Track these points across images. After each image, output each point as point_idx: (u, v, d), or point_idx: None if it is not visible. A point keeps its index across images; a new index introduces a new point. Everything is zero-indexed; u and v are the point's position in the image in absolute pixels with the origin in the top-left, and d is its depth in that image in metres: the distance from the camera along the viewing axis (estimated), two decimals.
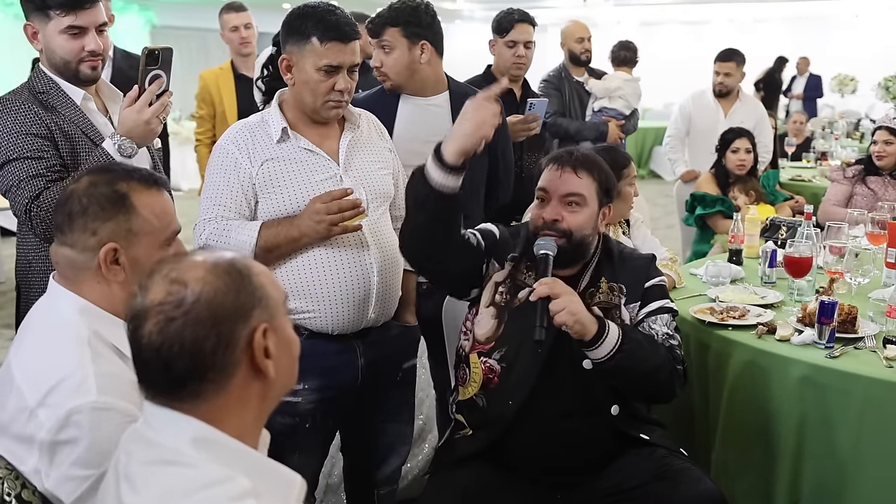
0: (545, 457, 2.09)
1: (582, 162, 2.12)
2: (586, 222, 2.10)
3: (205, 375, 1.13)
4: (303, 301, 2.14)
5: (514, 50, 3.46)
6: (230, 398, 1.16)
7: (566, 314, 1.92)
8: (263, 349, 1.17)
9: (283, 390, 1.26)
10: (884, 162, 4.29)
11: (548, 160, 2.17)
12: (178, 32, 14.76)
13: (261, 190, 2.13)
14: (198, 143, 4.67)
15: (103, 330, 1.52)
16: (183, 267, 1.16)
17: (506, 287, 2.15)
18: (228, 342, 1.14)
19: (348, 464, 2.53)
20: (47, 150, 2.14)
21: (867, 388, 2.11)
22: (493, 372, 2.13)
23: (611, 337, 1.98)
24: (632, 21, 18.05)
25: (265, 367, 1.17)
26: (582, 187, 2.10)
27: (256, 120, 2.21)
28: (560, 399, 2.09)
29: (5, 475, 1.40)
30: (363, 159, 2.25)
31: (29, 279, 2.24)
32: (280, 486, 1.21)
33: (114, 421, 1.38)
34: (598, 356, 1.99)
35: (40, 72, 2.25)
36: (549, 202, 2.11)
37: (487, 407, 2.14)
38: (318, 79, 2.10)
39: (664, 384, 2.09)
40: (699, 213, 4.42)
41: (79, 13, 2.16)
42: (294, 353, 1.27)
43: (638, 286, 2.18)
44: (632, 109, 4.89)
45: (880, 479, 2.10)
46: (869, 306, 2.59)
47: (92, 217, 1.51)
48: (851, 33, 16.97)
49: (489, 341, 2.15)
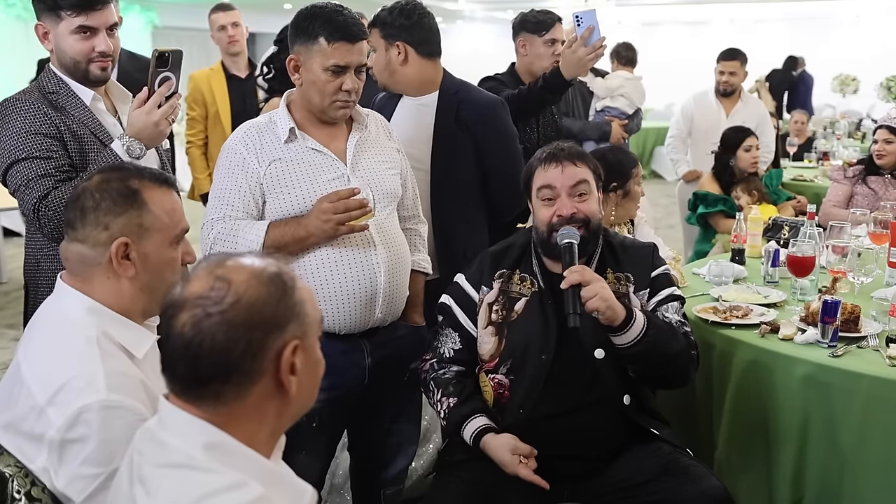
0: (556, 454, 2.10)
1: (575, 154, 2.18)
2: (595, 207, 2.17)
3: (229, 378, 1.13)
4: None
5: (554, 49, 3.45)
6: (248, 406, 1.16)
7: (598, 300, 1.95)
8: (290, 365, 1.16)
9: (301, 410, 1.24)
10: (884, 161, 4.29)
11: (540, 160, 2.19)
12: (180, 33, 14.78)
13: (268, 190, 2.14)
14: (189, 145, 4.62)
15: (111, 330, 1.52)
16: (230, 266, 1.17)
17: (500, 304, 2.19)
18: (258, 350, 1.14)
19: (355, 463, 2.54)
20: (56, 150, 2.15)
21: (870, 387, 2.11)
22: (502, 387, 2.16)
23: (638, 322, 2.02)
24: (633, 21, 18.06)
25: (288, 384, 1.17)
26: (585, 174, 2.16)
27: (264, 120, 2.22)
28: (571, 395, 2.11)
29: (15, 473, 1.41)
30: (370, 159, 2.25)
31: (37, 278, 2.25)
32: (291, 495, 1.21)
33: (124, 419, 1.39)
34: (626, 341, 2.03)
35: (50, 72, 2.26)
36: (557, 198, 2.14)
37: (502, 418, 2.16)
38: (326, 79, 2.11)
39: (683, 368, 2.13)
40: (701, 213, 4.43)
41: (90, 14, 2.17)
42: (318, 374, 1.25)
43: (645, 275, 2.21)
44: (635, 109, 4.89)
45: (884, 477, 2.10)
46: (872, 305, 2.59)
47: (104, 212, 1.53)
48: (852, 34, 16.98)
49: (493, 358, 2.18)
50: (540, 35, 3.48)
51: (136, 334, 1.56)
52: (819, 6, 16.49)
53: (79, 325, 1.51)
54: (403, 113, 2.78)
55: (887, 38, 16.04)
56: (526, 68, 3.52)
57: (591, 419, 2.11)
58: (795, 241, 2.80)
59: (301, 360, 1.18)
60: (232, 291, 1.13)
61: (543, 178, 2.16)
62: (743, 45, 5.51)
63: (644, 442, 2.15)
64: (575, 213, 2.11)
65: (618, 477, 2.11)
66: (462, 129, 2.72)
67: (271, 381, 1.16)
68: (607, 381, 2.12)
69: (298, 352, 1.17)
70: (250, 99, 4.31)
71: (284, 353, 1.15)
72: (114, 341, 1.52)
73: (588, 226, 2.12)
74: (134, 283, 1.55)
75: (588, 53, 2.84)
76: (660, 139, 10.59)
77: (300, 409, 1.24)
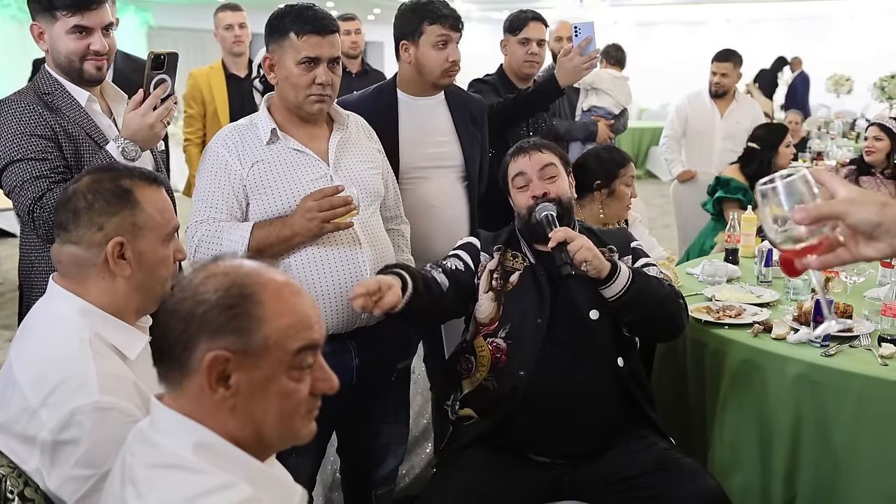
0: (555, 427, 2.15)
1: (539, 143, 2.41)
2: (566, 187, 2.35)
3: (165, 360, 1.19)
4: None
5: (527, 48, 3.48)
6: (192, 398, 1.17)
7: (585, 250, 2.10)
8: (219, 375, 1.15)
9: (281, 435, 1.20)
10: (873, 157, 4.35)
11: (511, 154, 2.40)
12: (175, 33, 14.76)
13: (252, 191, 2.14)
14: (187, 143, 4.64)
15: (104, 331, 1.52)
16: (225, 264, 1.21)
17: (498, 273, 2.31)
18: (186, 345, 1.16)
19: (345, 464, 2.54)
20: (51, 152, 2.15)
21: (863, 386, 2.12)
22: (500, 351, 2.22)
23: (623, 271, 2.17)
24: (628, 21, 18.09)
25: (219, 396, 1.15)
26: (552, 158, 2.36)
27: (246, 122, 2.24)
28: (567, 357, 2.18)
29: (8, 473, 1.41)
30: (352, 159, 2.26)
31: (32, 279, 2.25)
32: (281, 496, 1.21)
33: (116, 421, 1.39)
34: (615, 291, 2.15)
35: (45, 73, 2.26)
36: (530, 183, 2.32)
37: (498, 386, 2.20)
38: (299, 73, 2.13)
39: (674, 314, 2.24)
40: (719, 196, 4.41)
41: (85, 14, 2.18)
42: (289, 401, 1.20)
43: (626, 246, 2.39)
44: (621, 109, 4.90)
45: (876, 476, 2.11)
46: (864, 305, 2.60)
47: (98, 212, 1.53)
48: (847, 34, 17.03)
49: (492, 322, 2.26)
50: (514, 34, 3.52)
51: (128, 335, 1.56)
52: (815, 6, 16.53)
53: (71, 326, 1.51)
54: (415, 114, 2.76)
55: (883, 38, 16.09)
56: (508, 68, 3.58)
57: (589, 382, 2.18)
58: None
59: (240, 377, 1.16)
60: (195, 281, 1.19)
61: (515, 167, 2.36)
62: (739, 46, 5.53)
63: (639, 437, 2.20)
64: (547, 193, 2.29)
65: (612, 469, 2.14)
66: (475, 126, 2.84)
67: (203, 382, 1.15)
68: (601, 342, 2.22)
69: (233, 364, 1.15)
70: (249, 98, 4.34)
71: (205, 359, 1.14)
72: (106, 343, 1.52)
73: (561, 203, 2.28)
74: (129, 283, 1.56)
75: (583, 62, 2.95)
76: (654, 139, 10.61)
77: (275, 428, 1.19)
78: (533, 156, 2.34)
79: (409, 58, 2.70)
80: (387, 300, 1.95)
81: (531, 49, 3.47)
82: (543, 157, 2.34)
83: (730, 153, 4.95)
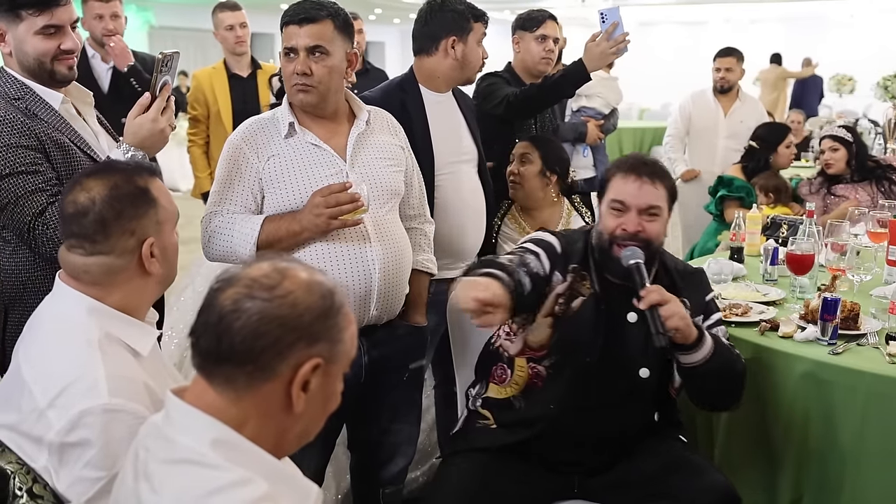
0: (576, 452, 2.12)
1: (657, 172, 2.11)
2: (662, 230, 2.13)
3: (244, 365, 1.12)
4: None
5: (545, 45, 3.54)
6: (253, 404, 1.14)
7: (678, 319, 1.96)
8: (304, 380, 1.15)
9: (303, 437, 1.22)
10: (833, 170, 4.24)
11: (621, 169, 2.13)
12: (176, 33, 14.78)
13: (267, 185, 2.15)
14: (191, 144, 4.62)
15: (115, 329, 1.52)
16: (293, 266, 1.18)
17: (564, 298, 2.14)
18: (282, 351, 1.13)
19: (355, 462, 2.53)
20: (41, 164, 2.00)
21: (870, 384, 2.12)
22: (538, 377, 2.16)
23: (706, 343, 2.03)
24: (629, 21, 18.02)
25: (296, 399, 1.15)
26: (660, 199, 2.10)
27: (268, 116, 2.24)
28: (603, 402, 2.11)
29: (17, 469, 1.41)
30: (370, 155, 2.25)
31: (23, 299, 2.04)
32: (296, 494, 1.21)
33: (125, 423, 1.38)
34: (695, 360, 2.03)
35: (8, 76, 2.09)
36: (626, 213, 2.09)
37: (525, 409, 2.16)
38: (284, 63, 2.16)
39: (737, 393, 2.14)
40: (722, 195, 4.39)
41: (54, 11, 2.04)
42: (328, 406, 1.22)
43: (700, 300, 2.22)
44: (611, 109, 4.89)
45: (883, 474, 2.10)
46: (871, 303, 2.59)
47: (128, 218, 1.53)
48: (847, 33, 17.02)
49: (542, 348, 2.15)
50: (531, 31, 3.57)
51: (140, 332, 1.56)
52: (814, 6, 16.54)
53: (80, 326, 1.50)
54: (439, 109, 2.76)
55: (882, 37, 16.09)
56: (521, 65, 3.62)
57: (620, 425, 2.13)
58: (794, 239, 2.80)
59: (317, 383, 1.16)
60: (283, 286, 1.14)
61: (618, 191, 2.10)
62: (739, 45, 5.51)
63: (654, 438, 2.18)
64: (639, 232, 2.07)
65: (624, 470, 2.13)
66: (471, 119, 2.88)
67: (282, 388, 1.14)
68: (643, 398, 2.16)
69: (318, 372, 1.15)
70: (251, 98, 4.32)
71: (304, 365, 1.14)
72: (118, 341, 1.51)
73: (649, 247, 2.08)
74: (157, 278, 1.58)
75: (610, 47, 2.99)
76: (657, 139, 10.59)
77: (302, 433, 1.21)
78: (643, 188, 2.07)
79: (456, 53, 2.70)
80: (491, 320, 1.86)
81: (548, 46, 3.55)
82: (653, 194, 2.08)
83: (733, 152, 4.93)
